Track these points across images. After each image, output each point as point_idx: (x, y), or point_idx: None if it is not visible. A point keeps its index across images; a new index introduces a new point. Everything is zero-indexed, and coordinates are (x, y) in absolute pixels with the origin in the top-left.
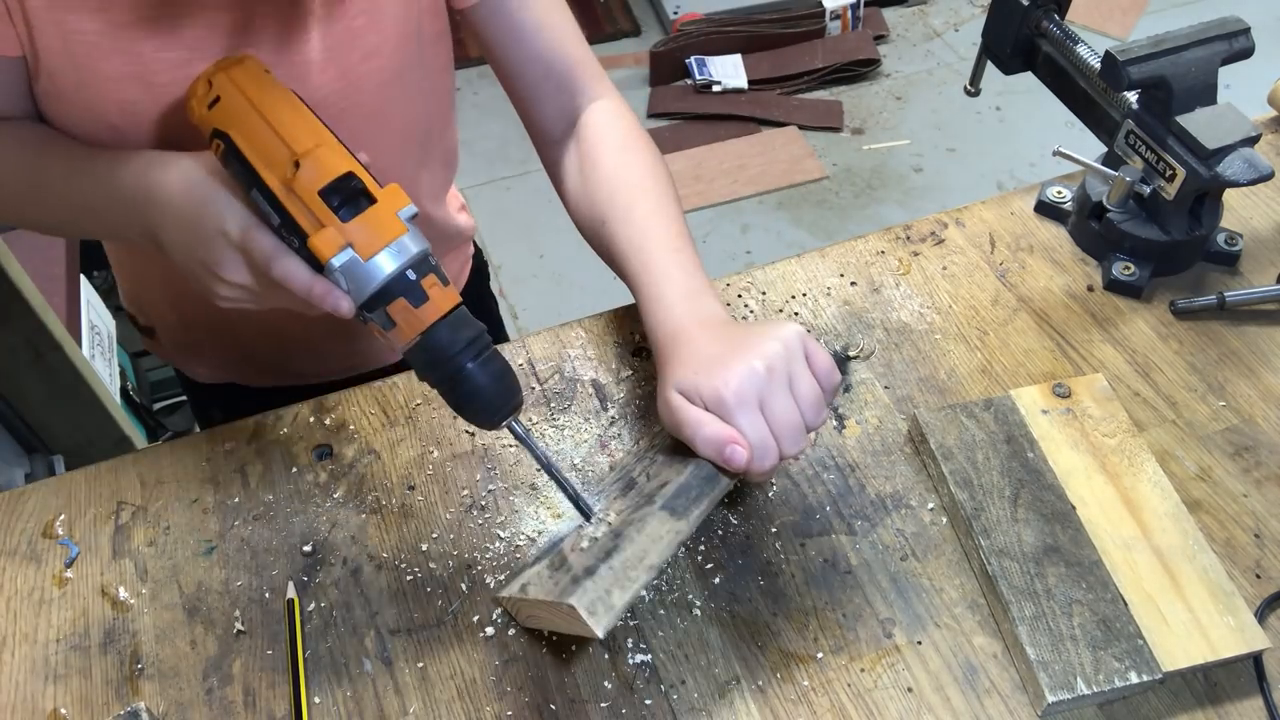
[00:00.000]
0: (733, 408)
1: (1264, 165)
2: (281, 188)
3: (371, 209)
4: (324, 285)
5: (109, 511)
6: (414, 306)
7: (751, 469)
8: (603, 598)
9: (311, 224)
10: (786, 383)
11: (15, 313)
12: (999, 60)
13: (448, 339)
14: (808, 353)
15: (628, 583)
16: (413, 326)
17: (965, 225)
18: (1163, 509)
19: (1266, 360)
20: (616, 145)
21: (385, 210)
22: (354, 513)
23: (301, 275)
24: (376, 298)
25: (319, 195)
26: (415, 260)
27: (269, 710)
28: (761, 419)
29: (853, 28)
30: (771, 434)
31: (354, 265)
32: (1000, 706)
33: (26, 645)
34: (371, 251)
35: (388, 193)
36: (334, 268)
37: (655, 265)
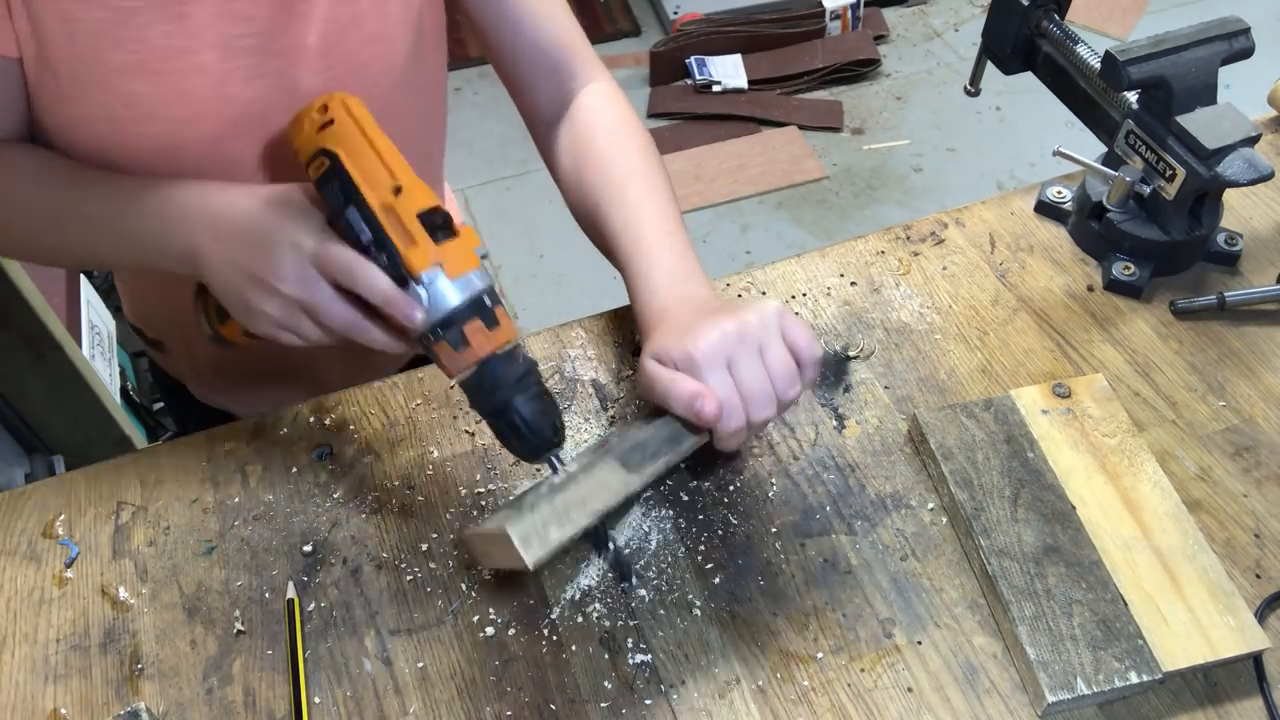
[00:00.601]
0: (700, 365)
1: (1264, 165)
2: (381, 208)
3: (456, 239)
4: (401, 294)
5: (109, 511)
6: (488, 329)
7: (718, 429)
8: (539, 530)
9: (407, 241)
10: (757, 349)
11: (15, 313)
12: (999, 60)
13: (505, 367)
14: (784, 326)
15: (566, 522)
16: (482, 348)
17: (965, 225)
18: (1163, 509)
19: (1266, 360)
20: (609, 129)
21: (466, 243)
22: (354, 513)
23: (383, 282)
24: (454, 316)
25: (417, 218)
26: (490, 289)
27: (269, 710)
28: (730, 380)
29: (853, 28)
30: (740, 397)
31: (440, 282)
32: (1000, 706)
33: (26, 645)
34: (458, 273)
35: (466, 231)
36: (423, 280)
37: (645, 249)
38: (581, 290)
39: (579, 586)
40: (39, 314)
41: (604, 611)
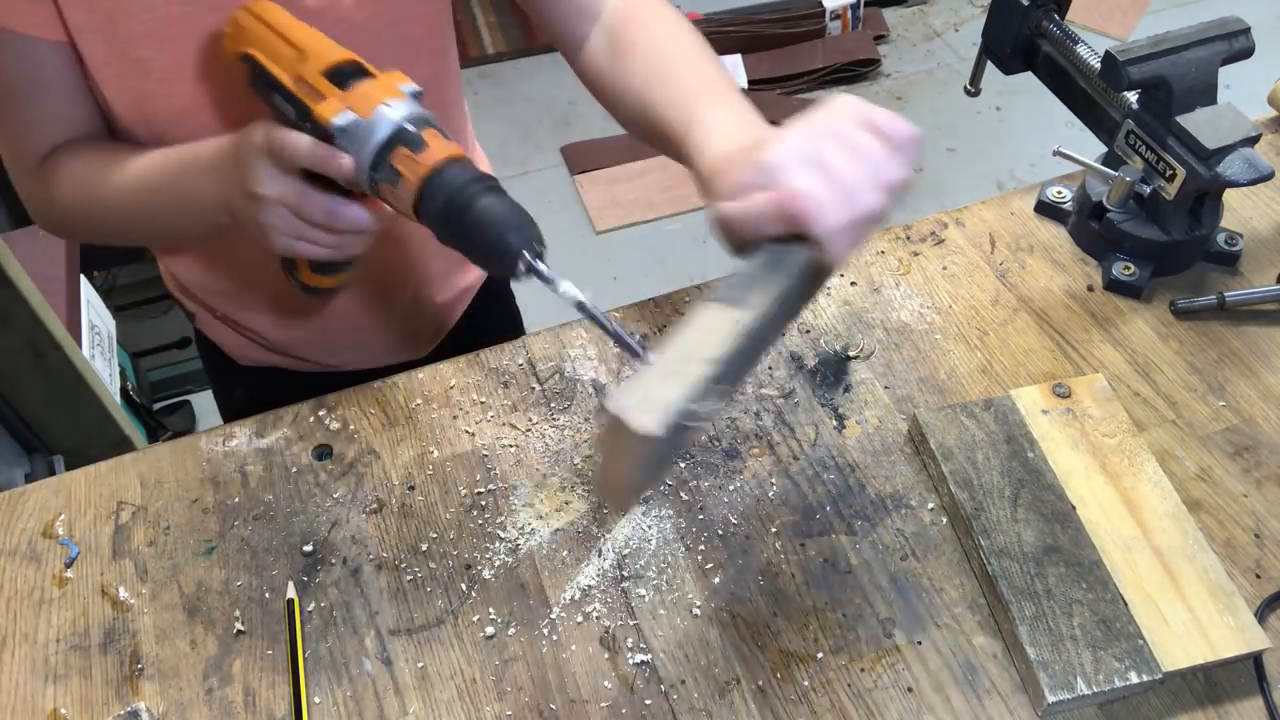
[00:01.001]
0: (779, 167)
1: (1264, 165)
2: (292, 79)
3: (370, 80)
4: (326, 148)
5: (109, 511)
6: (414, 153)
7: (823, 230)
8: (647, 396)
9: (316, 98)
10: (843, 140)
11: (15, 313)
12: (999, 60)
13: (451, 180)
14: (865, 114)
15: (676, 376)
16: (414, 173)
17: (965, 225)
18: (1163, 509)
19: (1266, 360)
20: (646, 21)
21: (384, 81)
22: (354, 513)
23: (305, 142)
24: (379, 154)
25: (323, 75)
26: (413, 116)
27: (269, 710)
28: (819, 174)
29: (853, 28)
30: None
31: (354, 125)
32: (1000, 706)
33: (26, 645)
34: (368, 109)
35: (390, 74)
36: (336, 128)
37: (699, 115)
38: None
39: (579, 586)
40: (39, 314)
41: (604, 611)
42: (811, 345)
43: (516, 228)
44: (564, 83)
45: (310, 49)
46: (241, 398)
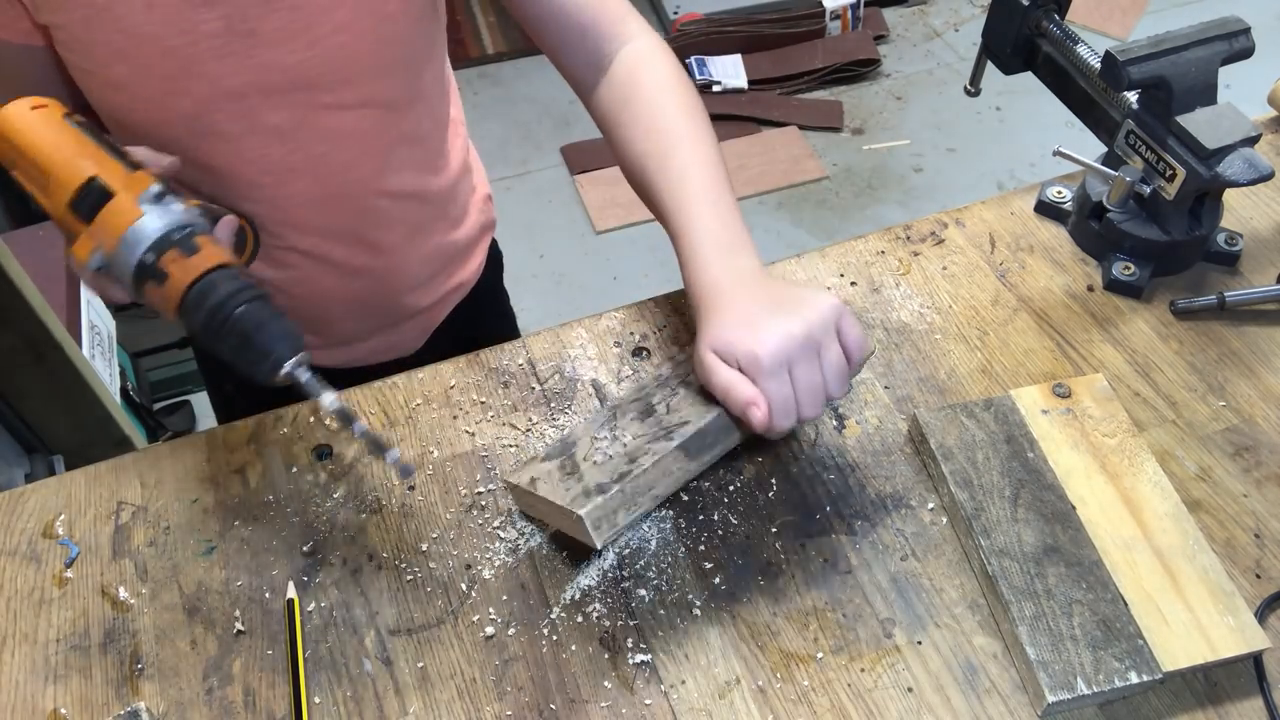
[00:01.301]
0: (766, 370)
1: (1264, 165)
2: (51, 209)
3: (109, 205)
4: (99, 282)
5: (109, 511)
6: (159, 286)
7: (770, 428)
8: (609, 516)
9: (71, 235)
10: (816, 351)
11: (15, 313)
12: (999, 60)
13: (195, 308)
14: (841, 325)
15: (633, 507)
16: (168, 305)
17: (965, 225)
18: (1163, 509)
19: (1266, 360)
20: (651, 88)
21: (121, 202)
22: (354, 513)
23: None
24: (136, 285)
25: (69, 208)
26: (154, 243)
27: (269, 710)
28: (789, 382)
29: (853, 28)
30: (795, 398)
31: (107, 262)
32: (1000, 706)
33: (26, 645)
34: (112, 245)
35: (130, 180)
36: (92, 268)
37: (693, 220)
38: (581, 290)
39: (579, 586)
40: (39, 314)
41: (604, 611)
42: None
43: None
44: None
45: (53, 174)
46: (233, 392)
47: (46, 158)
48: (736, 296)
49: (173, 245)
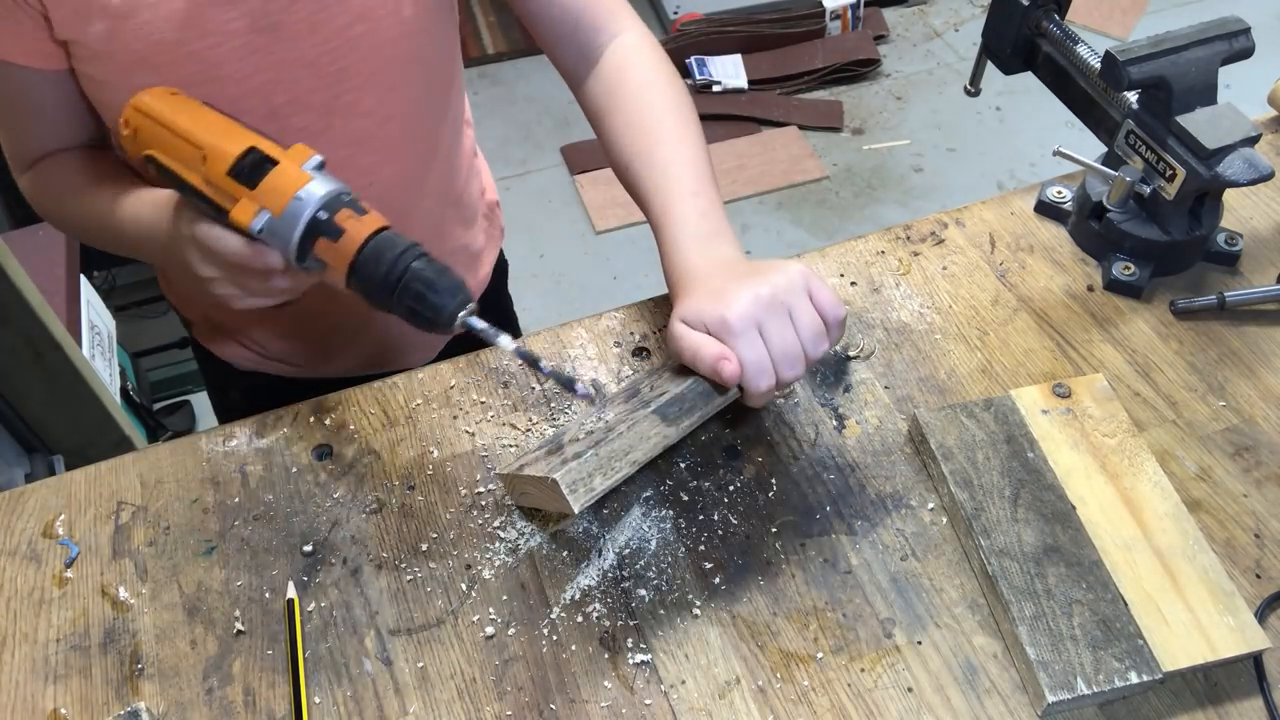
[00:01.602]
0: (735, 330)
1: (1264, 165)
2: (201, 181)
3: (274, 171)
4: (254, 247)
5: (109, 511)
6: (334, 242)
7: (749, 388)
8: (584, 480)
9: (229, 202)
10: (787, 312)
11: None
12: (999, 60)
13: (374, 260)
14: (811, 288)
15: (610, 472)
16: (341, 260)
17: (965, 225)
18: (1163, 509)
19: (1266, 360)
20: (639, 82)
21: (288, 168)
22: (354, 513)
23: (232, 243)
24: (302, 246)
25: (228, 176)
26: (325, 201)
27: (269, 710)
28: (761, 342)
29: (853, 28)
30: (770, 358)
31: (271, 224)
32: (1000, 706)
33: (26, 645)
34: (280, 206)
35: (291, 152)
36: (255, 231)
37: (674, 210)
38: (581, 290)
39: (579, 586)
40: (39, 314)
41: (604, 611)
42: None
43: (452, 288)
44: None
45: (208, 145)
46: (238, 399)
47: (201, 131)
48: (708, 274)
49: (344, 205)
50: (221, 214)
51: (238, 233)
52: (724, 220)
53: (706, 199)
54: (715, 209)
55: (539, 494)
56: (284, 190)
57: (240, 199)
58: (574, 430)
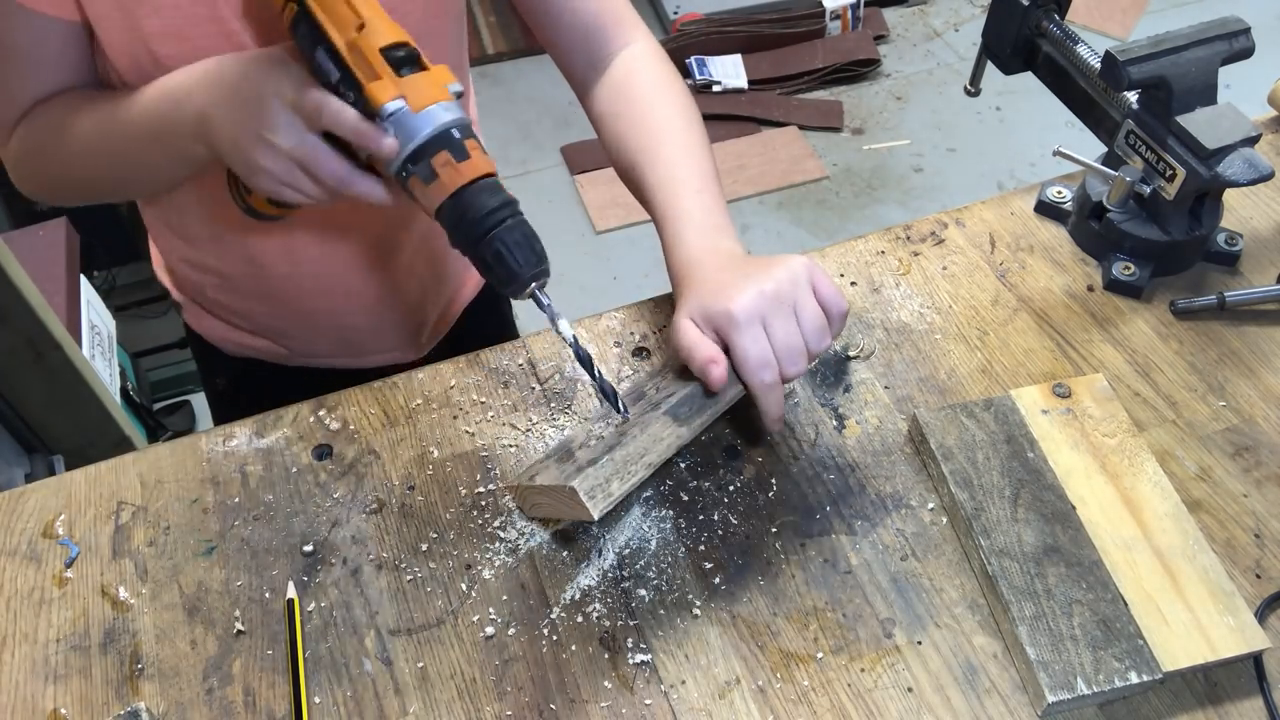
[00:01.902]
0: (739, 324)
1: (1264, 165)
2: (346, 45)
3: (424, 73)
4: (370, 126)
5: (109, 511)
6: (456, 161)
7: (753, 384)
8: (602, 485)
9: (369, 76)
10: (791, 307)
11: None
12: (999, 60)
13: (482, 199)
14: (814, 282)
15: (627, 475)
16: (453, 180)
17: (965, 225)
18: (1163, 509)
19: (1266, 360)
20: (645, 88)
21: (436, 77)
22: (354, 513)
23: (349, 115)
24: (422, 149)
25: (380, 52)
26: (460, 123)
27: (269, 710)
28: (764, 337)
29: (853, 28)
30: (774, 352)
31: (404, 115)
32: (1000, 706)
33: (26, 645)
34: (422, 105)
35: (438, 68)
36: (387, 112)
37: (678, 205)
38: (581, 290)
39: (579, 586)
40: (39, 314)
41: (604, 611)
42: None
43: (532, 258)
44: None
45: (368, 18)
46: (225, 388)
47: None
48: (711, 268)
49: (474, 136)
50: (349, 85)
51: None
52: (728, 218)
53: (711, 196)
54: (719, 207)
55: (553, 503)
56: (429, 93)
57: (383, 78)
58: (582, 437)
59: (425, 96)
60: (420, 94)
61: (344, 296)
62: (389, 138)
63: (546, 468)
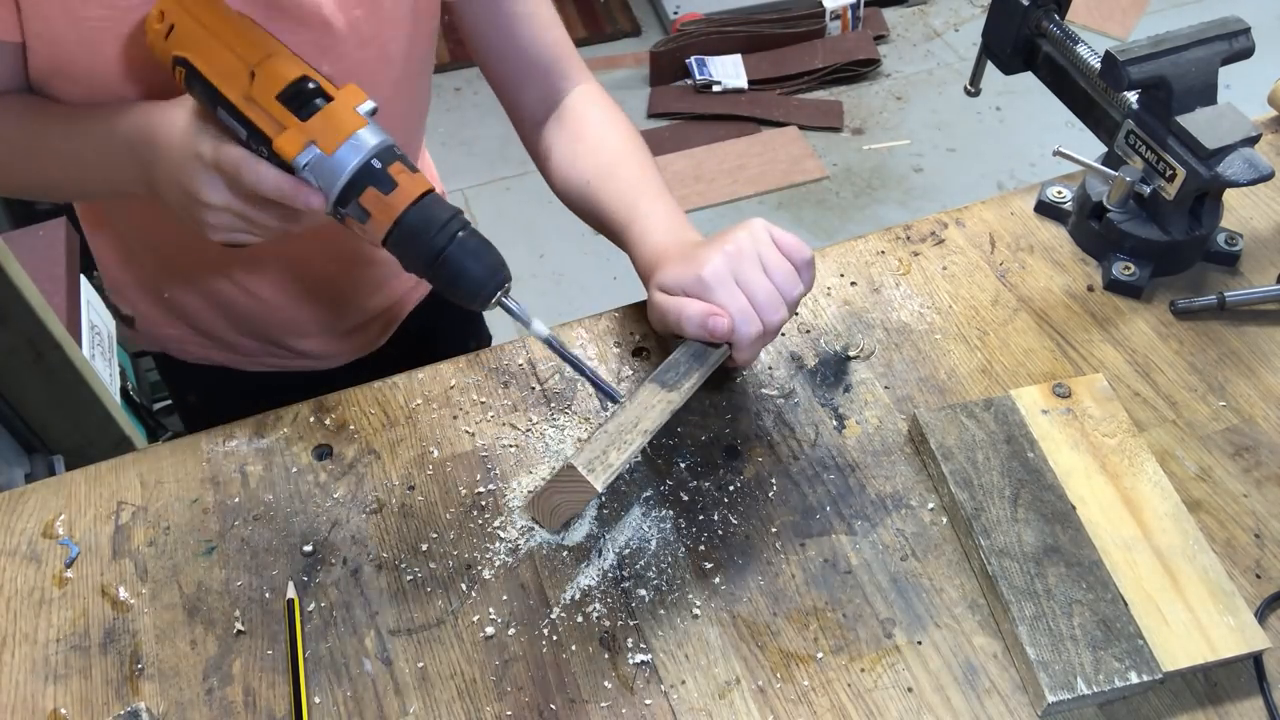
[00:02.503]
0: (711, 285)
1: (1264, 165)
2: (242, 99)
3: (329, 106)
4: (294, 183)
5: (109, 511)
6: (384, 194)
7: (738, 338)
8: (599, 457)
9: (274, 128)
10: (757, 260)
11: (15, 313)
12: (999, 60)
13: (422, 221)
14: (773, 235)
15: (623, 444)
16: (387, 214)
17: (965, 225)
18: (1163, 509)
19: (1266, 360)
20: (599, 121)
21: (343, 107)
22: (354, 513)
23: (271, 176)
24: (347, 190)
25: (277, 100)
26: (379, 150)
27: (269, 710)
28: (740, 293)
29: (853, 28)
30: (751, 306)
31: (319, 161)
32: (1000, 706)
33: (26, 645)
34: (334, 145)
35: (345, 92)
36: (300, 165)
37: (641, 211)
38: (582, 290)
39: (579, 586)
40: (39, 314)
41: (604, 611)
42: (811, 345)
43: (489, 270)
44: None
45: (257, 62)
46: (196, 403)
47: (249, 46)
48: (677, 250)
49: (396, 158)
50: (257, 139)
51: (271, 159)
52: (687, 221)
53: (669, 203)
54: (679, 211)
55: (564, 499)
56: (339, 129)
57: (288, 128)
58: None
59: (336, 133)
60: (330, 133)
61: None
62: (313, 192)
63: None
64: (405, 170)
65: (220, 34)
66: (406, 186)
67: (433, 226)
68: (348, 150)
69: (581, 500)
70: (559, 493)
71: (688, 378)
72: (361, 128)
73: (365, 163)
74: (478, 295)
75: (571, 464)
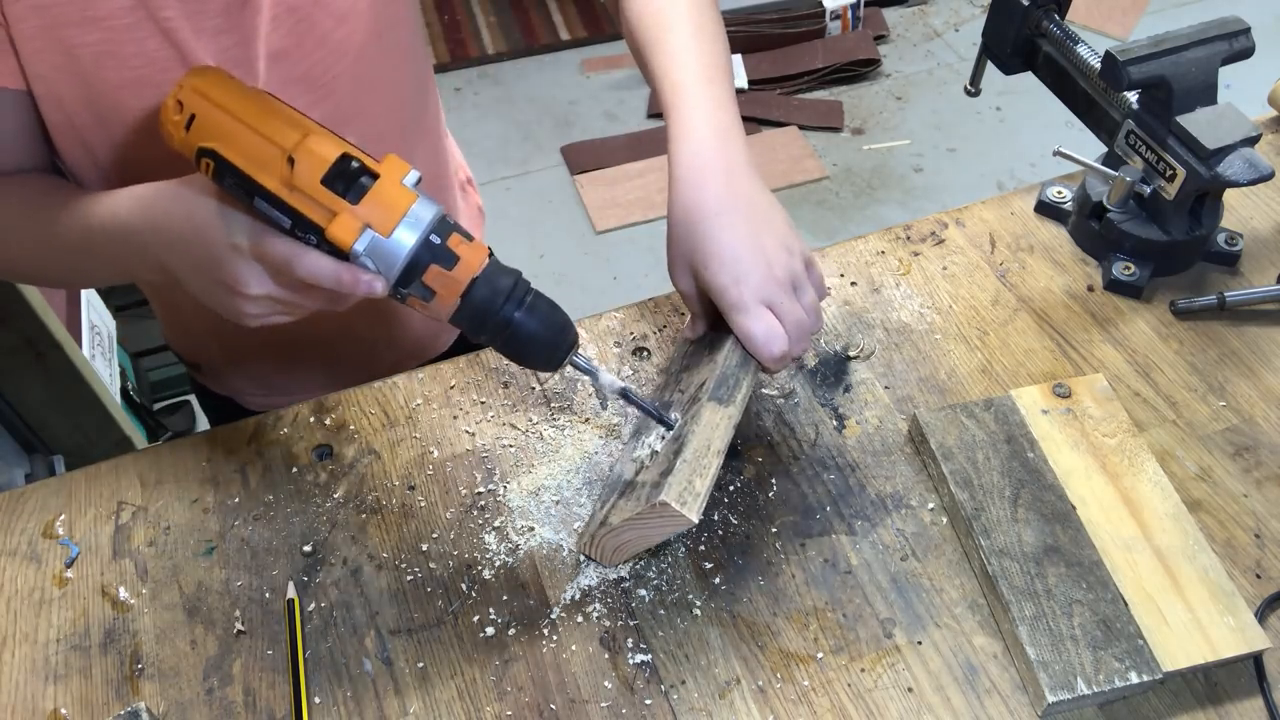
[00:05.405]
0: (751, 311)
1: (1264, 165)
2: (284, 188)
3: (377, 185)
4: (352, 271)
5: (109, 511)
6: (447, 270)
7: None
8: (688, 487)
9: (324, 215)
10: (793, 290)
11: (15, 313)
12: (999, 60)
13: (489, 293)
14: (808, 261)
15: (703, 470)
16: (452, 290)
17: (965, 225)
18: (1163, 509)
19: (1266, 360)
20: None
21: (391, 182)
22: (354, 513)
23: (327, 266)
24: (408, 271)
25: (322, 185)
26: (435, 224)
27: (269, 710)
28: (777, 322)
29: (853, 28)
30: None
31: (377, 244)
32: (1000, 706)
33: (26, 645)
34: (390, 226)
35: (387, 165)
36: (359, 253)
37: (684, 98)
38: (582, 290)
39: (579, 586)
40: (39, 314)
41: (604, 611)
42: (811, 345)
43: (558, 333)
44: (564, 83)
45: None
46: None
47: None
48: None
49: (451, 229)
50: (304, 228)
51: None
52: (737, 115)
53: (722, 90)
54: (730, 101)
55: (640, 534)
56: (393, 208)
57: (338, 213)
58: (632, 467)
59: (390, 213)
60: (384, 214)
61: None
62: (374, 278)
63: (617, 508)
64: (463, 240)
65: (246, 118)
66: (468, 258)
67: (499, 297)
68: (404, 229)
69: (665, 535)
70: (634, 531)
71: (738, 390)
72: (414, 203)
73: (424, 240)
74: (549, 361)
75: (664, 500)
